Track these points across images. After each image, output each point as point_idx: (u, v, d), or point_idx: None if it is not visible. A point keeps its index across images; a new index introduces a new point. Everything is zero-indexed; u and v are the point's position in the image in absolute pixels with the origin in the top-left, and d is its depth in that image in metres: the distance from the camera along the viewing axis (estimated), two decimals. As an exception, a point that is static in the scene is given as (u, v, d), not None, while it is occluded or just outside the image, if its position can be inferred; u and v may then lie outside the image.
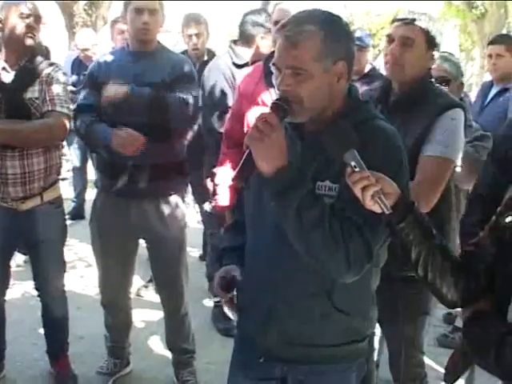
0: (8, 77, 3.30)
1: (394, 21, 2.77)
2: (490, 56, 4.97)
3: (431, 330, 4.45)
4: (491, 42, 5.12)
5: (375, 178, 1.69)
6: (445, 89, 3.21)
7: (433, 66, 3.24)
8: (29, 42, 3.28)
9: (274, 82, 2.97)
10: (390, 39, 2.71)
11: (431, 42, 2.67)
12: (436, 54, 2.71)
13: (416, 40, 2.63)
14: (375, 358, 3.78)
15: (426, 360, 3.11)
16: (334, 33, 1.85)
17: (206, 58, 4.95)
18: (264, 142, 1.74)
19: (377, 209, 1.70)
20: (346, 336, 2.00)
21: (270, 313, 1.99)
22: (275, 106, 1.81)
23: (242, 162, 1.80)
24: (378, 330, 3.80)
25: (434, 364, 3.88)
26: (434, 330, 4.55)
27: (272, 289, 1.98)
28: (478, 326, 1.77)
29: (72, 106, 3.44)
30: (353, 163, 1.69)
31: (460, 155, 2.71)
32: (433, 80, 3.04)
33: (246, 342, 2.16)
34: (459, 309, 1.97)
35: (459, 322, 4.23)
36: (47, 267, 3.55)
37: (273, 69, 1.92)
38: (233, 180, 1.80)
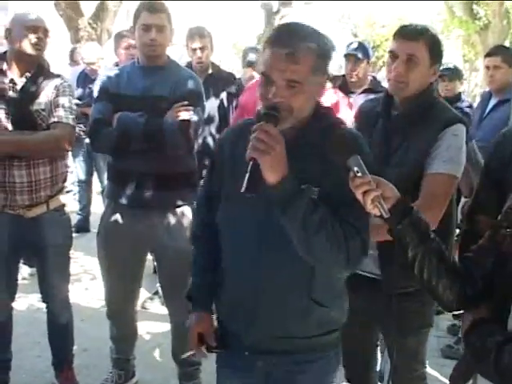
0: (16, 88, 3.34)
1: (396, 35, 2.72)
2: (488, 68, 5.00)
3: (435, 341, 4.47)
4: (488, 54, 5.16)
5: (376, 182, 1.78)
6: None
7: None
8: (34, 52, 3.32)
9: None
10: (394, 56, 2.67)
11: (435, 57, 2.66)
12: (438, 68, 2.71)
13: (420, 57, 2.61)
14: (378, 368, 3.80)
15: (431, 371, 3.12)
16: (325, 50, 1.98)
17: (210, 71, 4.98)
18: (270, 153, 1.81)
19: (376, 212, 1.80)
20: (325, 327, 2.15)
21: (254, 310, 2.10)
22: (268, 117, 1.88)
23: (248, 173, 1.82)
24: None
25: (439, 375, 3.88)
26: (439, 341, 4.56)
27: (255, 287, 2.08)
28: (477, 334, 1.80)
29: (73, 120, 3.45)
30: (355, 168, 1.77)
31: (462, 169, 2.71)
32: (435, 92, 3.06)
33: (230, 340, 2.24)
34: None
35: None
36: (53, 273, 3.58)
37: (261, 77, 1.98)
38: (244, 192, 1.82)
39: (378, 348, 3.64)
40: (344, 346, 3.05)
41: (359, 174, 1.77)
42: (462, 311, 2.02)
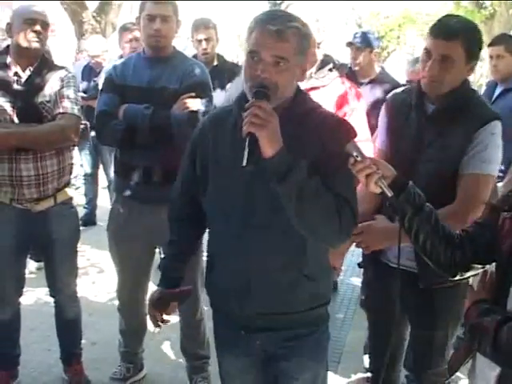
0: (20, 81, 3.33)
1: (431, 32, 2.58)
2: (491, 57, 4.96)
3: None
4: (491, 44, 5.12)
5: (374, 163, 1.95)
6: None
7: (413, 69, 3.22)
8: (33, 45, 3.30)
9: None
10: (428, 54, 2.58)
11: (472, 55, 2.56)
12: (476, 63, 2.61)
13: (456, 57, 2.52)
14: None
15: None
16: (307, 33, 2.11)
17: (215, 62, 4.96)
18: (268, 127, 1.90)
19: (378, 191, 1.97)
20: (314, 301, 2.23)
21: (246, 290, 2.16)
22: (260, 94, 1.97)
23: (246, 148, 1.89)
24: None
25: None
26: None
27: (245, 267, 2.15)
28: (476, 314, 1.88)
29: (78, 111, 3.43)
30: (355, 153, 1.91)
31: (498, 167, 2.68)
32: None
33: (226, 320, 2.33)
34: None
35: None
36: (60, 266, 3.58)
37: (248, 57, 2.06)
38: (245, 166, 1.89)
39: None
40: (373, 336, 3.05)
41: (359, 159, 1.91)
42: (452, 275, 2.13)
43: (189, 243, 2.49)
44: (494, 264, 1.99)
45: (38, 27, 3.30)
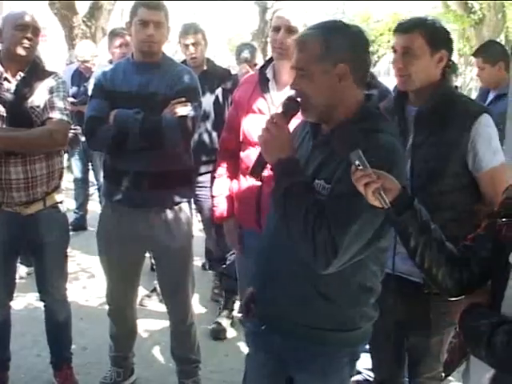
0: (10, 87, 3.34)
1: (394, 31, 2.72)
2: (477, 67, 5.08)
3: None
4: (472, 54, 5.22)
5: (377, 175, 1.85)
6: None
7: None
8: (24, 53, 3.30)
9: (270, 88, 3.11)
10: (394, 51, 2.69)
11: (436, 45, 2.62)
12: (445, 53, 2.66)
13: (417, 48, 2.60)
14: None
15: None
16: (334, 38, 2.06)
17: (205, 67, 4.97)
18: (268, 138, 2.07)
19: (377, 204, 1.86)
20: (329, 323, 2.15)
21: (266, 285, 2.24)
22: (284, 106, 2.14)
23: (256, 159, 2.14)
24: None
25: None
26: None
27: (270, 265, 2.22)
28: (471, 317, 1.87)
29: (68, 117, 3.43)
30: (357, 162, 1.85)
31: None
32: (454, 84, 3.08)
33: (257, 310, 2.36)
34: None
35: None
36: (50, 270, 3.58)
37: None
38: (249, 175, 2.14)
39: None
40: (375, 347, 3.05)
41: (360, 168, 1.85)
42: (460, 297, 2.06)
43: None
44: None
45: (29, 34, 3.30)
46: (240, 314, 2.55)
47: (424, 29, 2.61)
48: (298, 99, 2.12)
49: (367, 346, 3.79)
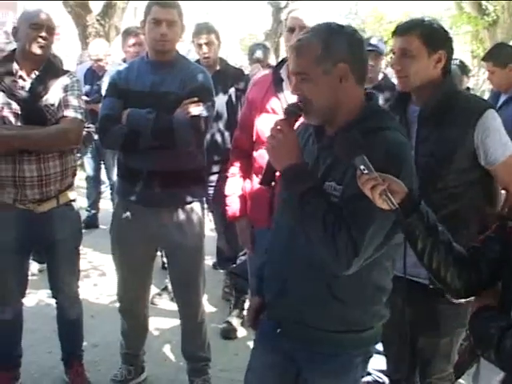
0: (25, 85, 3.36)
1: (392, 33, 2.77)
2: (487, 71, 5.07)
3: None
4: (482, 59, 5.20)
5: (383, 178, 1.86)
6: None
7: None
8: (39, 51, 3.33)
9: (284, 88, 3.12)
10: (393, 53, 2.74)
11: (433, 45, 2.64)
12: (443, 53, 2.68)
13: (414, 49, 2.63)
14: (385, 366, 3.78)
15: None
16: (331, 38, 2.07)
17: (218, 67, 4.97)
18: (275, 145, 2.07)
19: (385, 206, 1.86)
20: (343, 324, 2.16)
21: (281, 289, 2.22)
22: (287, 111, 2.14)
23: (265, 167, 2.16)
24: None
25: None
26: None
27: (284, 269, 2.21)
28: (481, 320, 1.88)
29: (82, 115, 3.45)
30: (362, 167, 1.87)
31: None
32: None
33: (268, 312, 2.37)
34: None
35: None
36: (62, 267, 3.60)
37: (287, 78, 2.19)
38: (259, 184, 2.15)
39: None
40: (389, 347, 3.05)
41: (365, 172, 1.86)
42: (469, 298, 2.08)
43: None
44: None
45: (43, 33, 3.32)
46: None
47: (420, 30, 2.64)
48: (300, 104, 2.12)
49: (377, 347, 3.81)
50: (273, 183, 2.29)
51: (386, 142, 2.04)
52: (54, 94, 3.37)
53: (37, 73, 3.38)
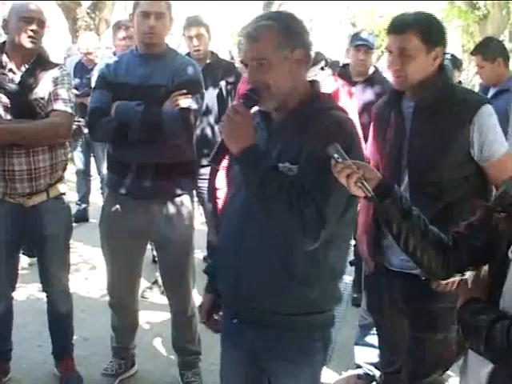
0: (14, 78, 3.34)
1: (387, 30, 2.69)
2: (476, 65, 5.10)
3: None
4: (471, 53, 5.22)
5: (357, 166, 1.92)
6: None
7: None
8: (29, 45, 3.31)
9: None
10: (389, 51, 2.66)
11: (431, 42, 2.59)
12: (440, 49, 2.64)
13: (412, 48, 2.56)
14: (377, 359, 3.80)
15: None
16: (288, 24, 2.13)
17: (208, 60, 4.96)
18: (231, 126, 2.07)
19: (360, 193, 1.94)
20: (302, 306, 2.19)
21: (237, 278, 2.22)
22: (245, 96, 2.13)
23: (217, 146, 2.13)
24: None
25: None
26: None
27: (238, 257, 2.21)
28: (469, 312, 1.89)
29: (72, 109, 3.44)
30: (336, 155, 1.91)
31: None
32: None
33: (225, 305, 2.43)
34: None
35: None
36: (53, 261, 3.60)
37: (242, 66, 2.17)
38: (209, 162, 2.13)
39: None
40: (384, 341, 3.06)
41: (340, 160, 1.90)
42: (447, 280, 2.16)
43: None
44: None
45: (34, 26, 3.30)
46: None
47: (418, 28, 2.57)
48: (257, 91, 2.12)
49: (368, 340, 3.83)
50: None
51: (335, 120, 2.13)
52: (44, 88, 3.35)
53: (27, 66, 3.36)
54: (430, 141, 2.63)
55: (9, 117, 3.30)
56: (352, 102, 3.33)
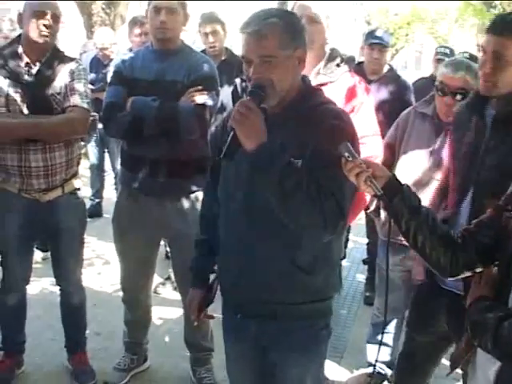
0: (31, 72, 3.34)
1: (486, 28, 2.38)
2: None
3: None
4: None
5: (366, 164, 1.95)
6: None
7: (451, 75, 3.13)
8: (41, 40, 3.29)
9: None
10: (483, 51, 2.36)
11: None
12: None
13: (510, 54, 2.27)
14: (389, 358, 3.79)
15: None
16: (291, 23, 2.17)
17: (223, 57, 4.96)
18: (245, 123, 2.05)
19: (370, 191, 1.97)
20: (308, 295, 2.26)
21: (240, 272, 2.26)
22: (252, 94, 2.12)
23: (228, 141, 2.09)
24: (391, 327, 3.81)
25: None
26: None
27: (241, 251, 2.25)
28: (478, 310, 1.91)
29: (88, 105, 3.44)
30: (346, 154, 1.95)
31: None
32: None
33: (226, 302, 2.45)
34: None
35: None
36: (66, 255, 3.61)
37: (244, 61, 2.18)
38: (222, 158, 2.11)
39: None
40: (411, 352, 3.00)
41: (350, 159, 1.94)
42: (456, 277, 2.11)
43: (215, 241, 2.46)
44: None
45: (47, 20, 3.28)
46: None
47: None
48: (262, 88, 2.12)
49: (378, 338, 3.82)
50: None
51: (327, 114, 2.18)
52: (60, 82, 3.35)
53: (43, 60, 3.35)
54: (502, 160, 2.37)
55: (25, 111, 3.30)
56: (369, 97, 3.31)
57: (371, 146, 3.07)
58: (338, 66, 3.22)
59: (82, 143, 5.23)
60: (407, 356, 3.05)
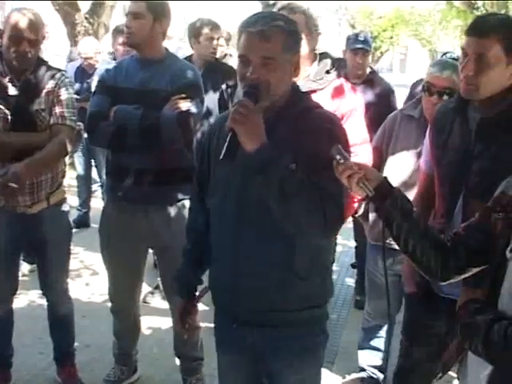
0: (14, 89, 3.30)
1: (467, 30, 2.33)
2: None
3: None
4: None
5: (358, 166, 1.96)
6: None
7: (437, 75, 3.12)
8: (17, 63, 3.24)
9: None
10: (464, 53, 2.31)
11: None
12: None
13: (492, 56, 2.23)
14: (380, 362, 3.79)
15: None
16: (294, 29, 2.18)
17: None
18: (246, 123, 2.00)
19: (362, 193, 1.97)
20: (304, 301, 2.24)
21: (236, 281, 2.22)
22: (249, 94, 2.08)
23: (227, 142, 2.02)
24: (382, 331, 3.80)
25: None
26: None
27: (236, 259, 2.21)
28: (468, 313, 1.90)
29: (73, 119, 3.42)
30: (338, 156, 1.95)
31: None
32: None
33: (221, 313, 2.42)
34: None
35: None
36: (53, 268, 3.59)
37: (239, 60, 2.16)
38: (223, 159, 2.04)
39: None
40: (408, 369, 2.97)
41: (341, 161, 1.95)
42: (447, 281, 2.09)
43: (202, 252, 2.45)
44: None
45: (22, 47, 3.21)
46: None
47: (502, 33, 2.24)
48: (257, 88, 2.09)
49: (372, 343, 3.81)
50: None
51: (317, 118, 2.19)
52: (44, 97, 3.32)
53: (27, 74, 3.31)
54: (489, 166, 2.34)
55: (9, 127, 3.25)
56: (357, 96, 3.33)
57: (361, 154, 3.09)
58: (327, 72, 3.22)
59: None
60: (404, 373, 3.02)
